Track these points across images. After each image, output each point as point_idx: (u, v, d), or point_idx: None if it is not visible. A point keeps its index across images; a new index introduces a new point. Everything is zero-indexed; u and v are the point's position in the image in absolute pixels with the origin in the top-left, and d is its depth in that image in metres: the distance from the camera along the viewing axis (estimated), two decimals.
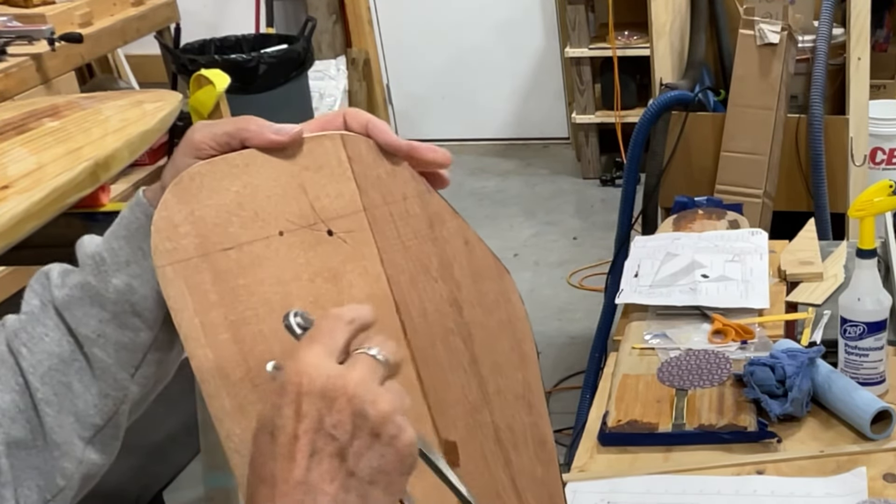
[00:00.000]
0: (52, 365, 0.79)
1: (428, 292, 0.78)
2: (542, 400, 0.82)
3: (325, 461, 0.65)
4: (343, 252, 0.76)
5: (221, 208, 0.74)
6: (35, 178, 1.67)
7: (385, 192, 0.76)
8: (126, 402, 0.81)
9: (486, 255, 0.79)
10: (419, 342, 0.79)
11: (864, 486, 1.22)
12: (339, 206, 0.76)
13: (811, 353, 1.36)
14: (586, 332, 2.87)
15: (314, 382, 0.66)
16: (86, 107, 2.03)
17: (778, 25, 2.41)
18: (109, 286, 0.78)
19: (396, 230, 0.77)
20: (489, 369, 0.80)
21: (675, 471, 1.29)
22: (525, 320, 0.81)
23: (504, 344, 0.80)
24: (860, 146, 2.55)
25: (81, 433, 0.80)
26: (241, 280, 0.75)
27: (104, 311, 0.78)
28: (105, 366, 0.79)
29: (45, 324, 0.80)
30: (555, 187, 4.27)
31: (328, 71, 4.40)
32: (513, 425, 0.81)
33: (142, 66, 4.47)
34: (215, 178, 0.74)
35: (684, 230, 1.91)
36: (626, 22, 3.93)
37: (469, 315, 0.79)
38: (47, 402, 0.78)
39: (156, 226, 0.74)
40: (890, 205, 1.35)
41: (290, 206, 0.75)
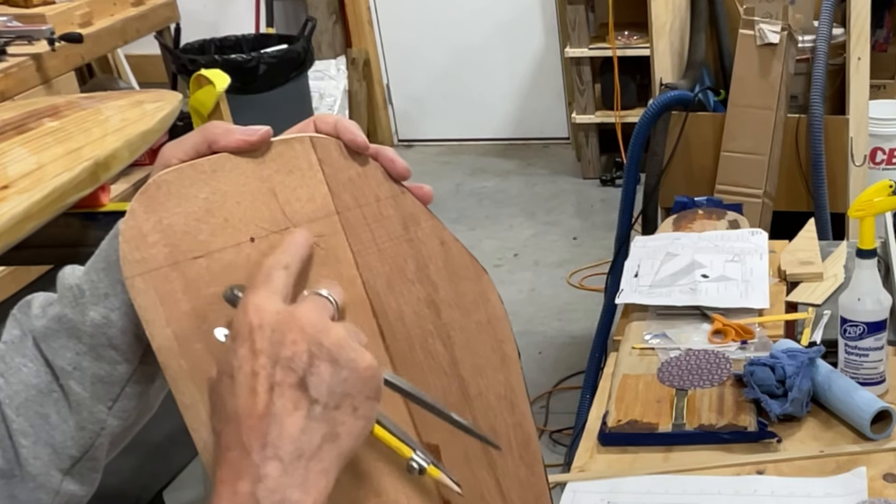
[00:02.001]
0: (30, 396, 0.77)
1: (405, 295, 0.77)
2: (524, 401, 0.81)
3: (287, 392, 0.65)
4: (317, 256, 0.75)
5: (190, 216, 0.72)
6: (35, 178, 1.67)
7: (357, 194, 0.75)
8: (103, 436, 0.79)
9: (462, 255, 0.78)
10: (397, 346, 0.78)
11: (864, 486, 1.22)
12: (310, 210, 0.74)
13: (811, 353, 1.36)
14: (586, 332, 2.87)
15: (264, 318, 0.66)
16: (86, 107, 2.03)
17: (778, 25, 2.41)
18: (86, 319, 0.76)
19: (371, 233, 0.76)
20: (470, 371, 0.79)
21: (675, 471, 1.29)
22: (505, 320, 0.80)
23: (484, 345, 0.79)
24: (860, 146, 2.55)
25: (59, 464, 0.78)
26: (212, 288, 0.73)
27: (80, 344, 0.77)
28: (81, 399, 0.77)
29: (24, 354, 0.78)
30: (555, 187, 4.27)
31: (328, 71, 4.40)
32: (496, 427, 0.80)
33: (142, 66, 4.47)
34: (182, 185, 0.72)
35: (684, 230, 1.91)
36: (626, 22, 3.93)
37: (447, 316, 0.78)
38: (23, 434, 0.77)
39: (123, 236, 0.72)
40: (890, 205, 1.35)
41: (260, 211, 0.73)
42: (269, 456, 0.65)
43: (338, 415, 0.67)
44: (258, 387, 0.65)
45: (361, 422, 0.68)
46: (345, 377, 0.67)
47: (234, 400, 0.66)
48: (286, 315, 0.67)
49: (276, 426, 0.65)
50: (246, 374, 0.66)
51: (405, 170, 0.76)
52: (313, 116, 0.76)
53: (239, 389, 0.66)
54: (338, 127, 0.75)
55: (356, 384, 0.67)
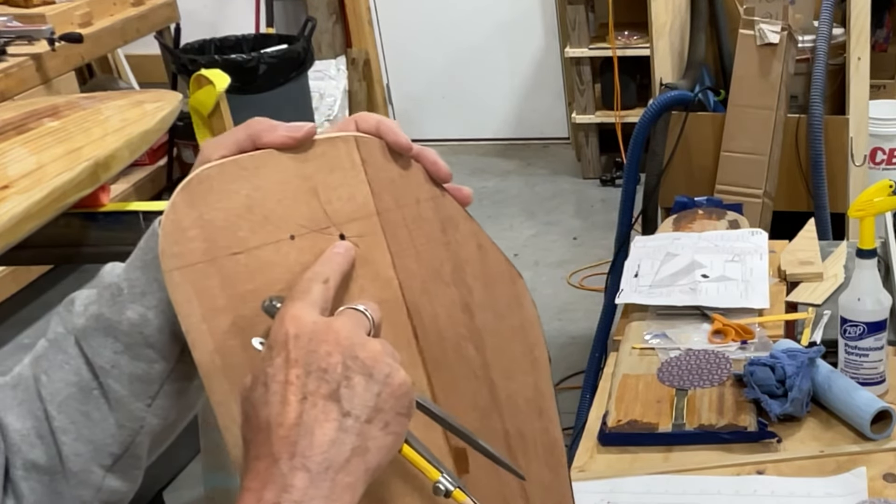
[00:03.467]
0: (71, 394, 0.78)
1: (440, 297, 0.77)
2: (552, 405, 0.81)
3: (319, 403, 0.65)
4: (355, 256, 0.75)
5: (230, 212, 0.72)
6: (35, 178, 1.68)
7: (398, 196, 0.75)
8: (142, 433, 0.80)
9: (499, 259, 0.78)
10: (430, 348, 0.77)
11: (864, 486, 1.22)
12: (351, 210, 0.74)
13: (811, 353, 1.36)
14: (586, 332, 2.87)
15: (301, 328, 0.67)
16: (86, 107, 2.04)
17: (778, 25, 2.41)
18: (123, 318, 0.77)
19: (409, 234, 0.75)
20: (500, 374, 0.79)
21: (675, 471, 1.29)
22: (537, 325, 0.79)
23: (516, 349, 0.79)
24: (860, 146, 2.55)
25: (100, 461, 0.79)
26: (250, 285, 0.73)
27: (118, 343, 0.77)
28: (119, 396, 0.78)
29: (66, 351, 0.79)
30: (555, 187, 4.27)
31: (328, 71, 4.40)
32: (523, 431, 0.80)
33: (142, 66, 4.48)
34: (224, 180, 0.72)
35: (684, 230, 1.91)
36: (626, 22, 3.93)
37: (481, 320, 0.78)
38: (63, 431, 0.78)
39: (164, 229, 0.72)
40: (890, 205, 1.35)
41: (301, 209, 0.73)
42: (297, 466, 0.64)
43: (369, 429, 0.66)
44: (291, 396, 0.65)
45: (391, 437, 0.68)
46: (378, 391, 0.66)
47: (266, 409, 0.66)
48: (323, 326, 0.67)
49: (306, 436, 0.65)
50: (279, 383, 0.66)
51: (447, 173, 0.76)
52: (355, 115, 0.76)
53: (272, 398, 0.66)
54: (380, 127, 0.74)
55: (389, 399, 0.67)
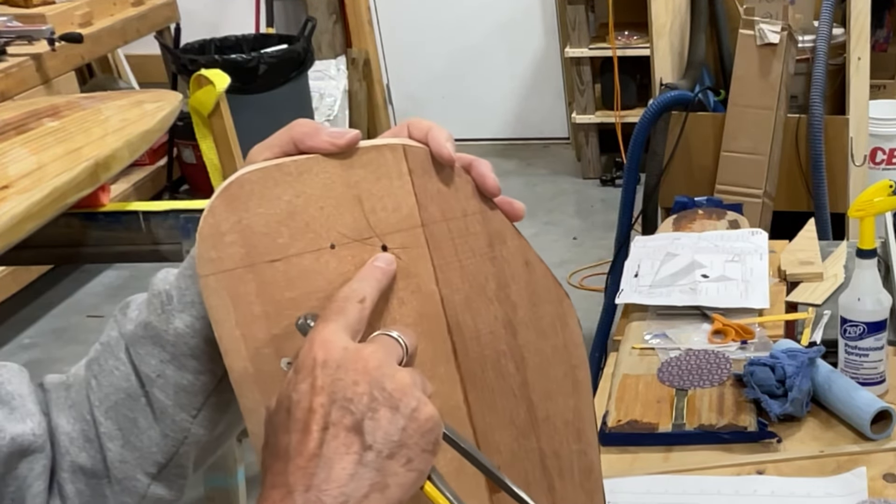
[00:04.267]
0: (119, 400, 0.77)
1: (482, 314, 0.74)
2: (592, 428, 0.79)
3: (341, 434, 0.63)
4: (397, 268, 0.73)
5: (271, 218, 0.70)
6: (35, 178, 1.68)
7: (445, 208, 0.72)
8: (187, 444, 0.79)
9: (546, 277, 0.75)
10: (469, 364, 0.75)
11: (864, 486, 1.22)
12: (395, 221, 0.72)
13: (811, 353, 1.36)
14: (586, 332, 2.87)
15: (330, 354, 0.64)
16: (86, 107, 2.04)
17: (778, 25, 2.41)
18: (170, 327, 0.75)
19: (454, 248, 0.73)
20: (540, 395, 0.77)
21: (675, 471, 1.29)
22: (581, 347, 0.77)
23: (557, 370, 0.77)
24: (860, 146, 2.55)
25: (146, 469, 0.78)
26: (287, 293, 0.71)
27: (164, 352, 0.76)
28: (164, 406, 0.77)
29: (117, 356, 0.78)
30: (555, 187, 4.27)
31: (328, 71, 4.40)
32: (559, 452, 0.78)
33: (142, 66, 4.48)
34: (266, 185, 0.70)
35: (684, 230, 1.91)
36: (626, 22, 3.93)
37: (524, 338, 0.76)
38: (110, 437, 0.77)
39: (201, 233, 0.70)
40: (890, 205, 1.35)
41: (343, 218, 0.71)
42: (312, 500, 0.62)
43: (390, 464, 0.64)
44: (313, 425, 0.63)
45: (413, 474, 0.65)
46: (403, 426, 0.64)
47: (286, 436, 0.64)
48: (353, 353, 0.65)
49: (324, 469, 0.63)
50: (303, 410, 0.64)
51: (496, 187, 0.72)
52: (407, 121, 0.73)
53: (293, 425, 0.64)
54: (429, 135, 0.72)
55: (414, 435, 0.64)
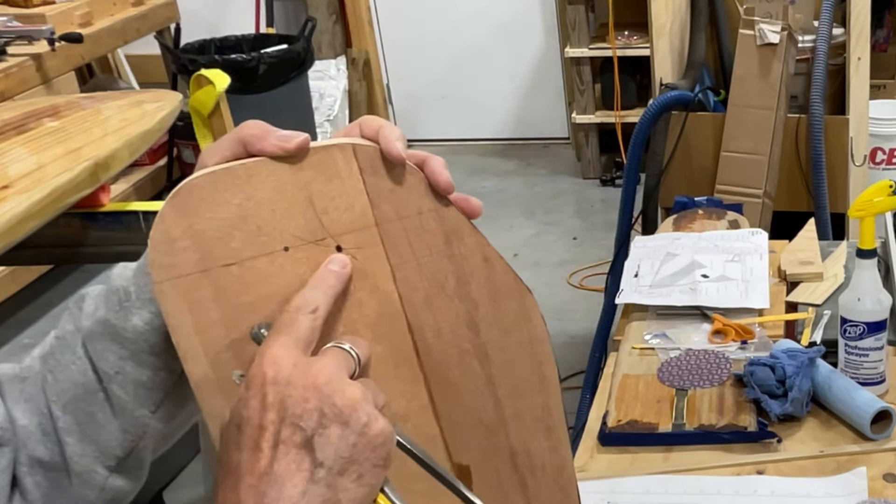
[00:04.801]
0: (77, 394, 0.77)
1: (443, 312, 0.74)
2: (562, 425, 0.78)
3: (292, 452, 0.63)
4: (353, 269, 0.72)
5: (222, 222, 0.70)
6: (35, 178, 1.67)
7: (399, 206, 0.72)
8: (146, 438, 0.79)
9: (506, 273, 0.75)
10: (432, 363, 0.75)
11: (864, 486, 1.22)
12: (348, 221, 0.71)
13: (811, 353, 1.36)
14: (586, 332, 2.87)
15: (280, 372, 0.64)
16: (86, 107, 2.04)
17: (778, 25, 2.41)
18: (129, 324, 0.76)
19: (410, 246, 0.72)
20: (506, 392, 0.76)
21: (675, 471, 1.29)
22: (546, 342, 0.77)
23: (523, 366, 0.76)
24: (860, 146, 2.55)
25: (104, 462, 0.79)
26: (244, 297, 0.71)
27: (123, 349, 0.76)
28: (123, 402, 0.77)
29: (74, 351, 0.78)
30: (555, 187, 4.27)
31: (328, 71, 4.40)
32: (530, 449, 0.78)
33: (142, 66, 4.47)
34: (216, 190, 0.69)
35: (684, 230, 1.91)
36: (626, 22, 3.93)
37: (486, 335, 0.75)
38: (67, 432, 0.77)
39: (153, 240, 0.70)
40: (890, 205, 1.35)
41: (296, 219, 0.71)
42: None
43: (341, 481, 0.63)
44: (263, 443, 0.63)
45: (365, 489, 0.65)
46: (353, 442, 0.64)
47: (238, 453, 0.64)
48: (302, 369, 0.64)
49: (275, 487, 0.62)
50: (253, 427, 0.64)
51: (448, 184, 0.72)
52: (360, 119, 0.73)
53: (245, 442, 0.64)
54: (380, 134, 0.72)
55: (364, 450, 0.64)
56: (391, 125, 0.72)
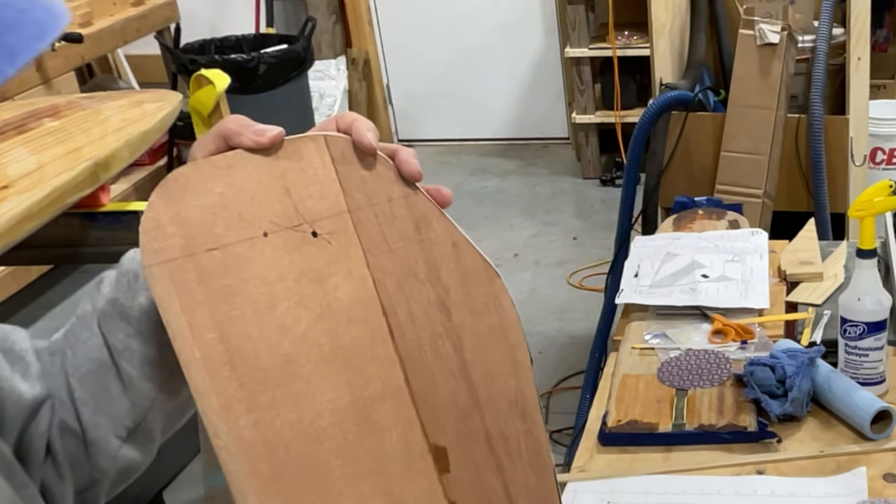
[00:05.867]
0: (92, 369, 0.83)
1: (415, 295, 0.77)
2: (536, 408, 0.80)
3: None
4: (328, 253, 0.76)
5: (206, 209, 0.74)
6: (35, 178, 1.67)
7: (370, 194, 0.76)
8: (153, 411, 0.84)
9: (475, 258, 0.78)
10: (407, 346, 0.78)
11: (864, 486, 1.22)
12: (323, 208, 0.76)
13: (811, 353, 1.36)
14: (586, 332, 2.87)
15: None
16: (86, 107, 2.04)
17: (778, 25, 2.41)
18: (135, 303, 0.81)
19: (382, 232, 0.76)
20: (480, 375, 0.79)
21: (675, 471, 1.29)
22: (517, 326, 0.79)
23: (495, 350, 0.79)
24: (860, 146, 2.55)
25: (117, 433, 0.84)
26: (226, 280, 0.75)
27: (129, 327, 0.81)
28: (131, 377, 0.82)
29: (91, 328, 0.83)
30: (555, 187, 4.27)
31: (328, 71, 4.40)
32: (505, 432, 0.80)
33: (142, 66, 4.47)
34: (199, 179, 0.74)
35: (684, 230, 1.91)
36: (626, 22, 3.93)
37: (458, 319, 0.78)
38: (83, 403, 0.83)
39: (143, 226, 0.74)
40: (890, 205, 1.35)
41: (273, 207, 0.75)
42: None
43: None
44: None
45: None
46: None
47: None
48: None
49: None
50: None
51: (416, 172, 0.77)
52: (336, 114, 0.78)
53: None
54: (353, 125, 0.76)
55: None
56: (364, 119, 0.77)
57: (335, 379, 0.77)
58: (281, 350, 0.76)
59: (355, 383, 0.77)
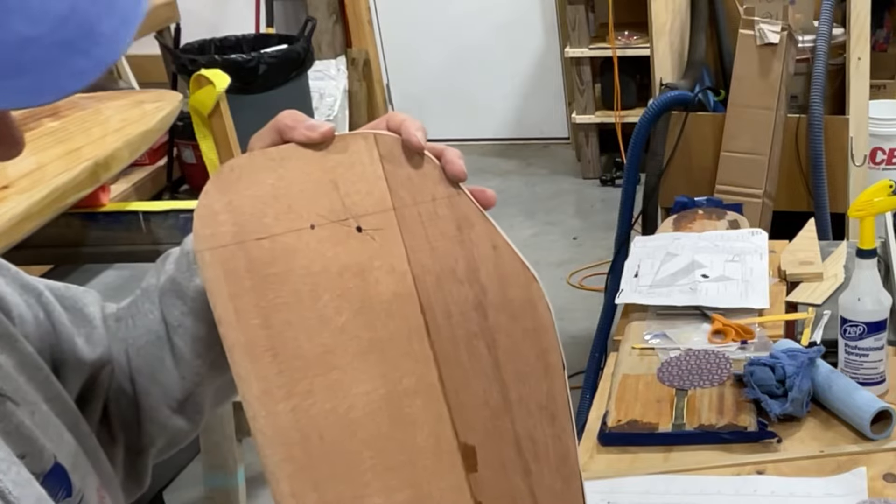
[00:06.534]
0: (150, 340, 0.87)
1: (453, 294, 0.78)
2: (566, 413, 0.80)
3: None
4: (371, 249, 0.77)
5: (257, 199, 0.76)
6: (35, 178, 1.68)
7: (415, 192, 0.77)
8: (202, 385, 0.88)
9: (514, 260, 0.78)
10: (442, 343, 0.79)
11: (864, 486, 1.22)
12: (369, 204, 0.77)
13: (811, 353, 1.36)
14: (586, 332, 2.87)
15: None
16: (86, 107, 2.04)
17: (778, 25, 2.41)
18: (191, 284, 0.84)
19: (424, 230, 0.78)
20: (512, 376, 0.79)
21: (675, 471, 1.29)
22: (552, 331, 0.79)
23: (529, 353, 0.79)
24: (860, 146, 2.55)
25: (168, 403, 0.88)
26: (272, 269, 0.77)
27: (184, 305, 0.85)
28: (183, 352, 0.86)
29: (152, 301, 0.87)
30: (555, 187, 4.27)
31: (328, 71, 4.40)
32: (534, 435, 0.80)
33: (142, 66, 4.47)
34: (253, 170, 0.77)
35: (684, 230, 1.91)
36: (626, 22, 3.93)
37: (494, 320, 0.79)
38: (139, 372, 0.88)
39: (197, 213, 0.77)
40: (890, 205, 1.35)
41: (321, 200, 0.77)
42: None
43: None
44: None
45: None
46: None
47: None
48: None
49: None
50: None
51: (461, 172, 0.78)
52: (388, 113, 0.80)
53: None
54: (402, 125, 0.78)
55: None
56: (413, 119, 0.79)
57: (371, 371, 0.78)
58: (321, 340, 0.78)
59: (390, 377, 0.79)
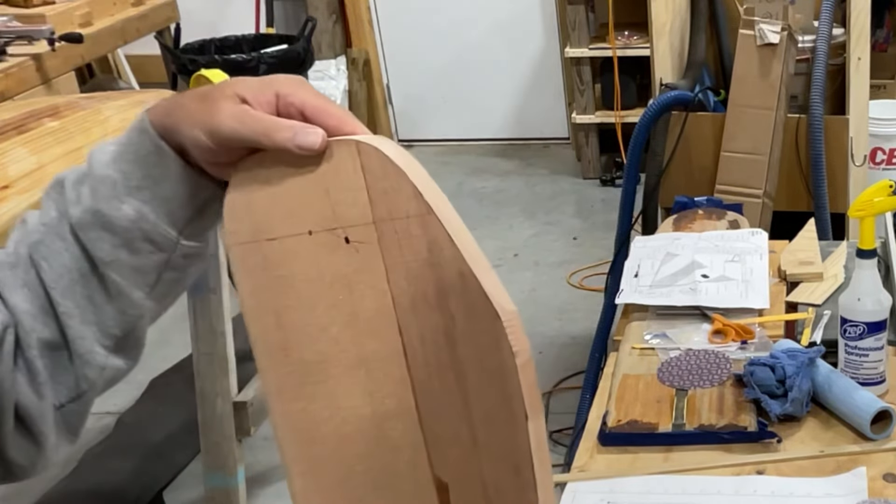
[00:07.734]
0: (73, 279, 0.81)
1: (426, 320, 0.74)
2: (529, 467, 0.73)
3: None
4: (356, 261, 0.75)
5: (267, 200, 0.77)
6: (35, 178, 1.68)
7: (391, 207, 0.74)
8: (144, 318, 0.84)
9: (479, 293, 0.72)
10: (417, 369, 0.76)
11: (864, 486, 1.22)
12: (354, 215, 0.75)
13: (811, 353, 1.36)
14: (586, 332, 2.87)
15: None
16: (86, 107, 2.04)
17: (778, 25, 2.41)
18: (120, 214, 0.79)
19: (400, 249, 0.74)
20: (480, 416, 0.74)
21: (675, 471, 1.29)
22: (514, 375, 0.72)
23: (493, 394, 0.73)
24: (860, 146, 2.55)
25: (103, 342, 0.83)
26: (281, 271, 0.77)
27: (116, 237, 0.79)
28: (120, 287, 0.81)
29: (63, 238, 0.80)
30: (555, 187, 4.27)
31: (328, 71, 4.40)
32: (500, 486, 0.74)
33: (142, 66, 4.47)
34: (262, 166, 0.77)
35: (684, 230, 1.91)
36: (626, 22, 3.93)
37: (463, 353, 0.74)
38: (69, 315, 0.81)
39: (226, 206, 0.77)
40: (890, 205, 1.35)
41: (316, 207, 0.76)
42: None
43: None
44: None
45: None
46: None
47: None
48: None
49: None
50: None
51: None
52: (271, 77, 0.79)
53: None
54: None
55: None
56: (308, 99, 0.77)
57: (359, 387, 0.76)
58: (320, 347, 0.77)
59: (375, 396, 0.76)
